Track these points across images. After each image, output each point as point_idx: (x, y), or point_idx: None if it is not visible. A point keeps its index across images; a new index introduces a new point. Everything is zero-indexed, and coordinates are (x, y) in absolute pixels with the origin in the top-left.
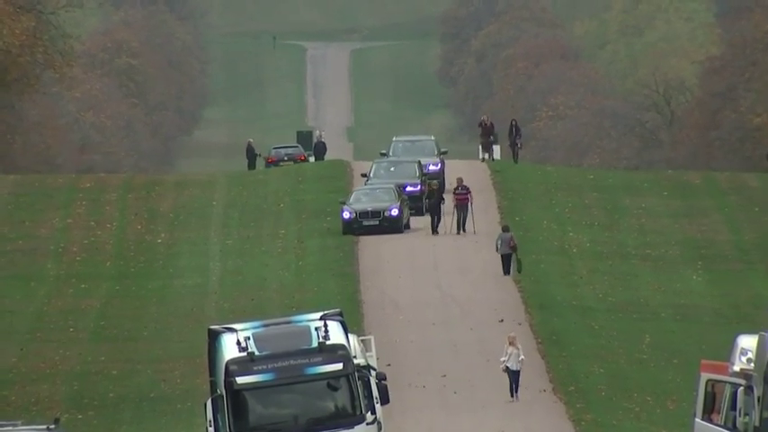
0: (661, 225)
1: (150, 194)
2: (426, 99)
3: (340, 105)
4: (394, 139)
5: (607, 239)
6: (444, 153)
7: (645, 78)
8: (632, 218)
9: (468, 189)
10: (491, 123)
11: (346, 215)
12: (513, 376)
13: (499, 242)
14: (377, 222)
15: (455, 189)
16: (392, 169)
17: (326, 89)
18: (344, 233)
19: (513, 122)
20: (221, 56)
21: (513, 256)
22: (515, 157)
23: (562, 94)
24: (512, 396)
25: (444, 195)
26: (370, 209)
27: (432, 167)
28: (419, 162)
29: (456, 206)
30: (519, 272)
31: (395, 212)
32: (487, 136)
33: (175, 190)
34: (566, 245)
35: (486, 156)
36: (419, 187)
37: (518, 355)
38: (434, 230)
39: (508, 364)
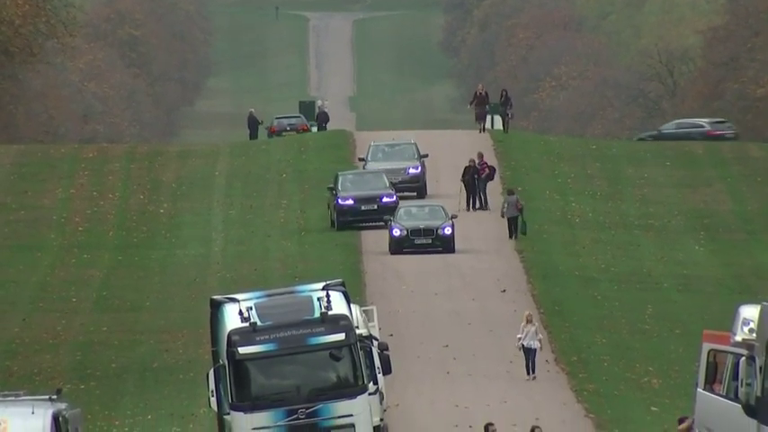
0: (663, 195)
1: (153, 164)
2: (429, 69)
3: (343, 75)
4: (372, 143)
5: (610, 209)
6: (425, 156)
7: (648, 48)
8: (635, 188)
9: (485, 163)
10: (486, 93)
11: (396, 232)
12: (530, 354)
13: (506, 205)
14: (429, 241)
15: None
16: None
17: (329, 59)
18: (393, 252)
19: (504, 92)
20: (224, 26)
21: (519, 219)
22: (506, 126)
23: (565, 64)
24: (528, 374)
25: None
26: (422, 226)
27: (411, 171)
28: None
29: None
30: (524, 234)
31: (448, 231)
32: (482, 106)
33: (178, 160)
34: (568, 215)
35: (481, 126)
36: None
37: (536, 333)
38: (468, 207)
39: (524, 342)
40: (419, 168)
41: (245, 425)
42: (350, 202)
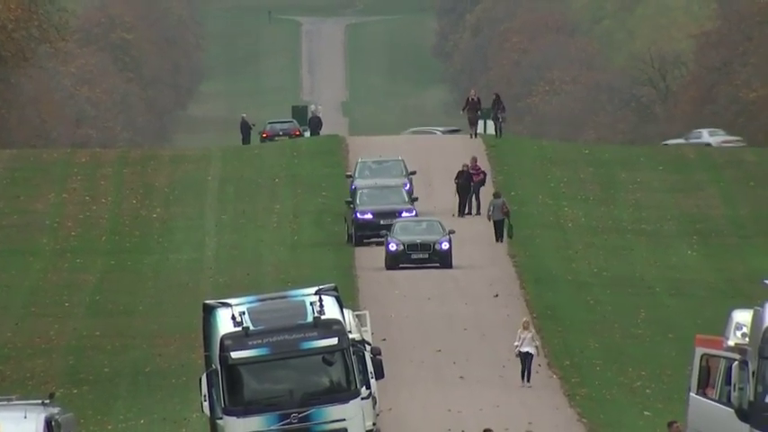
0: (656, 199)
1: (145, 169)
2: (422, 74)
3: (335, 80)
4: (359, 160)
5: (602, 214)
6: (413, 173)
7: (640, 53)
8: (627, 192)
9: (479, 168)
10: (478, 99)
11: (393, 247)
12: (527, 361)
13: (491, 208)
14: (426, 256)
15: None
16: None
17: (322, 64)
18: (389, 267)
19: (496, 97)
20: (217, 30)
21: (506, 222)
22: (498, 131)
23: (558, 68)
24: (523, 380)
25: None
26: (419, 241)
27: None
28: None
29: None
30: (510, 237)
31: (445, 246)
32: (475, 111)
33: (171, 165)
34: (561, 219)
35: (473, 131)
36: None
37: (532, 339)
38: (461, 213)
39: (522, 349)
40: (407, 186)
41: (238, 429)
42: (368, 216)
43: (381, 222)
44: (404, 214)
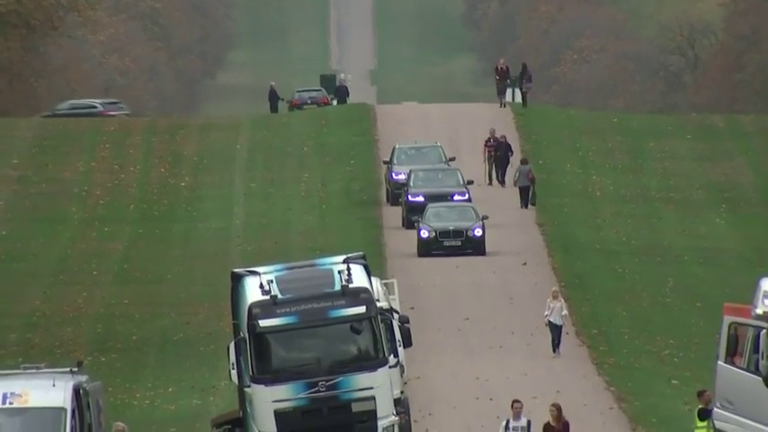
0: (685, 168)
1: (174, 138)
2: (450, 42)
3: (363, 49)
4: (396, 146)
5: (631, 182)
6: (452, 159)
7: (669, 22)
8: (656, 161)
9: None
10: (507, 68)
11: (425, 234)
12: (556, 331)
13: (518, 174)
14: (459, 243)
15: (487, 141)
16: None
17: (350, 32)
18: (421, 255)
19: (523, 66)
20: None
21: (531, 189)
22: (524, 100)
23: (586, 37)
24: (554, 351)
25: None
26: (451, 228)
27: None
28: None
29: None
30: (533, 204)
31: (478, 232)
32: (503, 80)
33: (199, 133)
34: (589, 188)
35: (502, 100)
36: None
37: (561, 309)
38: (499, 181)
39: (551, 319)
40: None
41: (266, 397)
42: (420, 198)
43: None
44: (456, 197)
